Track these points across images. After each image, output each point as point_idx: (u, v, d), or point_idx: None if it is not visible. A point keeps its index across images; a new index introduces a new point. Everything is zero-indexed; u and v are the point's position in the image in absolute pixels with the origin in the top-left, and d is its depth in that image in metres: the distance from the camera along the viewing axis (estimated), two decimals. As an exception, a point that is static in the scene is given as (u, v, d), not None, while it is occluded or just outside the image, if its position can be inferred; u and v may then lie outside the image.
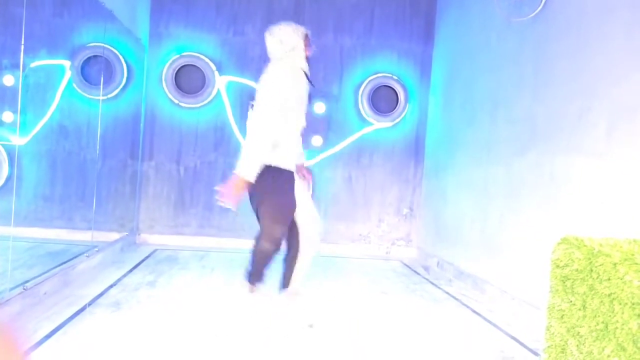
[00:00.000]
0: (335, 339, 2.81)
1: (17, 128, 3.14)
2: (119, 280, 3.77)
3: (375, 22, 5.53)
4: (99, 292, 3.40)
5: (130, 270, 4.10)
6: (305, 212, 2.92)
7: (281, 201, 2.80)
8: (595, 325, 1.55)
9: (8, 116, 3.34)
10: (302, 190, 2.93)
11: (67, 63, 3.93)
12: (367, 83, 5.44)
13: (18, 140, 3.27)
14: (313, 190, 5.46)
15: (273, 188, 2.77)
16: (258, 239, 2.90)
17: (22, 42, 2.87)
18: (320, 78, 5.50)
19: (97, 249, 4.06)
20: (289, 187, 2.81)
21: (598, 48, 2.81)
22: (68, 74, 3.95)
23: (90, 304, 3.12)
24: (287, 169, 2.82)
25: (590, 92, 2.84)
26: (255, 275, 2.98)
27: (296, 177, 2.87)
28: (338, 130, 5.51)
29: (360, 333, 2.94)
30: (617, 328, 1.46)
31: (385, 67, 5.51)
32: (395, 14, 5.54)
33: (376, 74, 5.47)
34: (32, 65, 3.33)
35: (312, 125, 5.34)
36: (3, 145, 3.48)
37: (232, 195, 2.65)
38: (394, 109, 5.50)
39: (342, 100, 5.52)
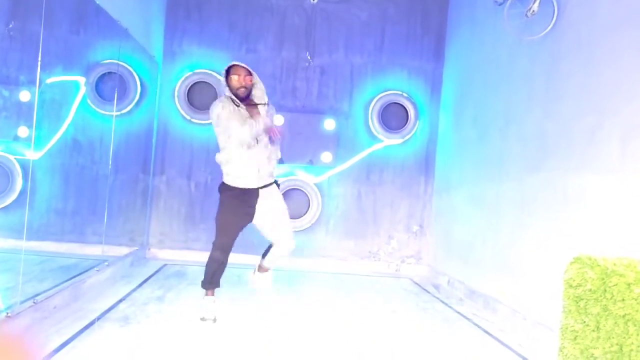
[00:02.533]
0: (344, 358, 2.78)
1: (32, 143, 3.19)
2: (128, 294, 3.77)
3: (385, 40, 5.58)
4: (108, 306, 3.40)
5: (140, 285, 4.10)
6: (270, 229, 3.31)
7: (217, 214, 3.28)
8: (610, 347, 1.52)
9: (23, 131, 3.39)
10: (267, 208, 3.26)
11: (82, 79, 4.00)
12: (377, 100, 5.47)
13: (32, 155, 3.31)
14: (322, 207, 5.46)
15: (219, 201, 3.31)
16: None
17: (39, 59, 2.93)
18: (331, 95, 5.54)
19: (107, 263, 4.08)
20: (224, 202, 3.24)
21: (609, 65, 2.80)
22: (83, 90, 4.02)
23: (99, 318, 3.13)
24: (229, 184, 3.22)
25: (602, 108, 2.83)
26: (205, 281, 3.33)
27: (239, 195, 3.21)
28: (348, 147, 5.52)
29: (369, 353, 2.90)
30: (632, 350, 1.43)
31: (395, 84, 5.54)
32: (406, 32, 5.58)
33: (386, 91, 5.49)
34: (48, 81, 3.40)
35: (322, 142, 5.37)
36: (17, 160, 3.53)
37: None
38: (404, 126, 5.51)
39: (352, 117, 5.54)
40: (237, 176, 3.18)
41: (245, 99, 3.20)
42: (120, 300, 3.58)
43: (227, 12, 5.48)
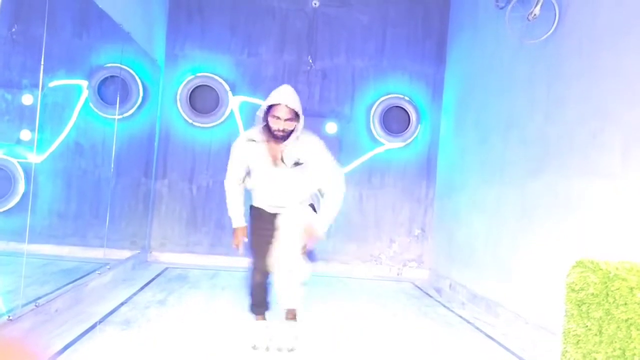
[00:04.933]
0: (345, 361, 2.77)
1: (34, 146, 3.19)
2: (129, 298, 3.77)
3: (387, 43, 5.59)
4: (109, 309, 3.40)
5: (141, 289, 4.10)
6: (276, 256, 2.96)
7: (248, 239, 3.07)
8: (612, 352, 1.52)
9: (26, 134, 3.40)
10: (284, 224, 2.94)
11: (84, 83, 4.02)
12: (379, 104, 5.47)
13: (35, 158, 3.32)
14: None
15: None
16: None
17: (42, 62, 2.94)
18: (332, 98, 5.55)
19: (108, 267, 4.08)
20: (251, 223, 3.05)
21: (611, 69, 2.80)
22: (85, 94, 4.03)
23: (100, 321, 3.13)
24: (253, 204, 3.05)
25: (604, 113, 2.83)
26: (252, 304, 3.07)
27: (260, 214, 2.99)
28: (349, 151, 5.52)
29: (371, 356, 2.89)
30: (635, 355, 1.43)
31: (397, 88, 5.54)
32: (407, 35, 5.59)
33: (388, 94, 5.50)
34: (51, 84, 3.41)
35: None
36: (20, 163, 3.54)
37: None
38: (406, 129, 5.51)
39: (353, 121, 5.55)
40: (257, 199, 3.02)
41: (280, 140, 2.78)
42: (122, 304, 3.58)
43: (229, 15, 5.50)
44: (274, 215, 2.96)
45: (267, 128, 2.78)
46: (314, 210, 3.06)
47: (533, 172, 3.52)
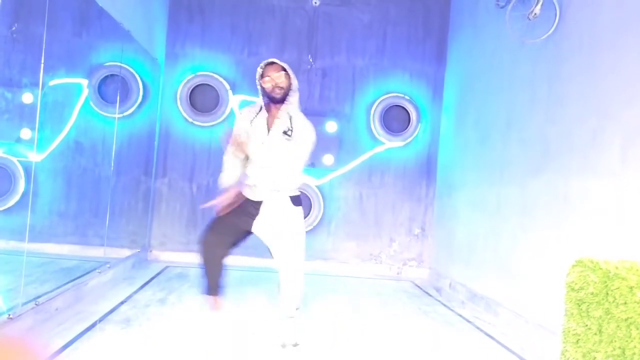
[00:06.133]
0: (345, 360, 2.77)
1: (35, 145, 3.19)
2: (129, 297, 3.77)
3: (387, 42, 5.58)
4: (109, 308, 3.41)
5: (141, 287, 4.10)
6: (279, 263, 2.90)
7: None
8: (612, 351, 1.52)
9: (26, 133, 3.40)
10: (267, 224, 2.87)
11: (84, 82, 4.01)
12: (379, 103, 5.47)
13: (35, 157, 3.32)
14: (324, 209, 5.44)
15: None
16: None
17: (42, 61, 2.94)
18: (332, 97, 5.55)
19: (109, 265, 4.08)
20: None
21: (611, 68, 2.80)
22: (85, 92, 4.03)
23: (101, 320, 3.13)
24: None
25: (604, 112, 2.83)
26: (208, 285, 3.05)
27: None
28: (349, 149, 5.52)
29: (371, 356, 2.90)
30: (634, 354, 1.43)
31: (397, 87, 5.54)
32: (408, 34, 5.59)
33: (388, 93, 5.50)
34: (51, 83, 3.40)
35: (324, 144, 5.37)
36: (20, 162, 3.54)
37: None
38: (406, 128, 5.51)
39: (353, 120, 5.54)
40: (247, 179, 2.95)
41: (281, 101, 2.84)
42: (122, 303, 3.58)
43: (229, 14, 5.50)
44: (256, 207, 2.87)
45: (265, 94, 2.87)
46: (298, 203, 2.95)
47: (533, 171, 3.52)
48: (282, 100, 2.84)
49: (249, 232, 2.94)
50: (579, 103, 3.06)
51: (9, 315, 2.63)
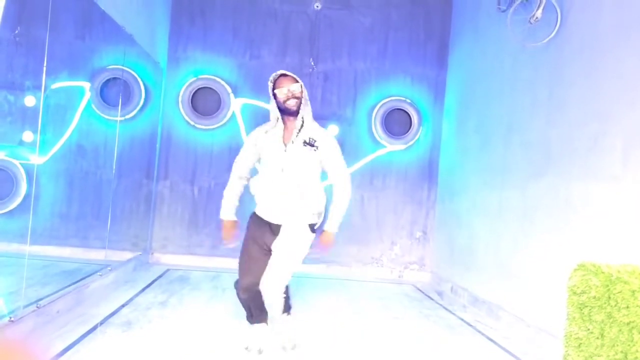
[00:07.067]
0: (346, 363, 2.77)
1: (37, 147, 3.20)
2: (131, 299, 3.77)
3: (389, 46, 5.59)
4: (111, 311, 3.41)
5: (143, 290, 4.10)
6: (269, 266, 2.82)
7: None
8: (614, 355, 1.51)
9: (28, 136, 3.41)
10: (281, 245, 2.78)
11: (86, 85, 4.03)
12: (381, 106, 5.47)
13: (37, 159, 3.33)
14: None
15: None
16: None
17: (45, 64, 2.95)
18: (334, 101, 5.56)
19: (110, 268, 4.08)
20: (246, 233, 2.89)
21: (612, 72, 2.80)
22: (87, 96, 4.04)
23: (102, 323, 3.13)
24: (255, 212, 2.90)
25: (605, 116, 2.82)
26: (247, 315, 2.93)
27: (256, 223, 2.84)
28: (351, 153, 5.52)
29: (372, 359, 2.89)
30: (636, 358, 1.42)
31: (398, 90, 5.55)
32: (409, 38, 5.60)
33: (390, 97, 5.50)
34: (53, 86, 3.41)
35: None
36: (22, 164, 3.55)
37: None
38: (407, 132, 5.52)
39: (355, 123, 5.55)
40: (260, 201, 2.85)
41: (296, 113, 2.75)
42: (123, 305, 3.58)
43: (231, 18, 5.51)
44: (272, 229, 2.78)
45: (279, 106, 2.77)
46: (313, 230, 2.86)
47: (534, 175, 3.52)
48: (296, 112, 2.75)
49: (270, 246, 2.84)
50: (581, 106, 3.06)
51: (11, 317, 2.63)
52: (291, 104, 2.73)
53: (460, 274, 4.69)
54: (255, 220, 2.85)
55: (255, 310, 2.86)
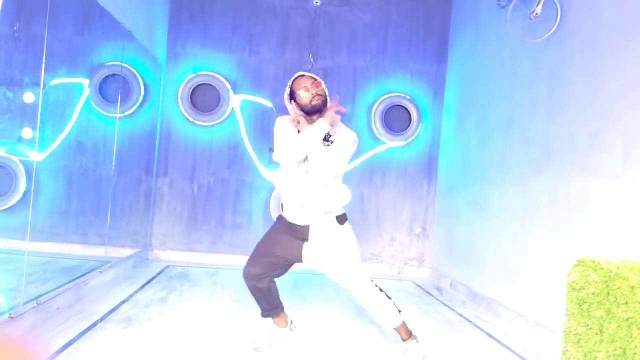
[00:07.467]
0: None
1: (36, 144, 3.20)
2: (130, 296, 3.78)
3: (388, 42, 5.58)
4: (110, 307, 3.41)
5: (142, 287, 4.11)
6: (332, 275, 2.82)
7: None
8: (613, 351, 1.52)
9: (27, 132, 3.40)
10: (318, 251, 2.79)
11: (85, 81, 4.02)
12: (380, 102, 5.47)
13: (36, 156, 3.33)
14: None
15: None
16: None
17: (43, 61, 2.95)
18: (334, 97, 5.54)
19: (110, 265, 4.09)
20: (270, 229, 2.85)
21: (613, 69, 2.80)
22: (86, 92, 4.03)
23: (102, 319, 3.13)
24: (282, 214, 2.84)
25: (606, 113, 2.82)
26: (261, 309, 2.89)
27: (284, 227, 2.78)
28: (351, 149, 5.51)
29: (372, 355, 2.90)
30: (635, 354, 1.43)
31: (398, 87, 5.54)
32: (409, 35, 5.59)
33: (389, 93, 5.50)
34: (52, 83, 3.41)
35: (325, 144, 5.35)
36: (21, 161, 3.54)
37: None
38: (407, 128, 5.51)
39: (355, 120, 5.54)
40: (286, 202, 2.78)
41: (321, 110, 2.72)
42: (123, 302, 3.59)
43: (230, 14, 5.50)
44: (300, 232, 2.75)
45: (302, 107, 2.73)
46: (342, 221, 2.94)
47: (534, 171, 3.52)
48: (321, 110, 2.72)
49: (298, 261, 2.79)
50: (581, 103, 3.06)
51: (10, 314, 2.63)
52: (318, 101, 2.72)
53: (460, 270, 4.69)
54: (282, 226, 2.79)
55: (264, 304, 2.82)
